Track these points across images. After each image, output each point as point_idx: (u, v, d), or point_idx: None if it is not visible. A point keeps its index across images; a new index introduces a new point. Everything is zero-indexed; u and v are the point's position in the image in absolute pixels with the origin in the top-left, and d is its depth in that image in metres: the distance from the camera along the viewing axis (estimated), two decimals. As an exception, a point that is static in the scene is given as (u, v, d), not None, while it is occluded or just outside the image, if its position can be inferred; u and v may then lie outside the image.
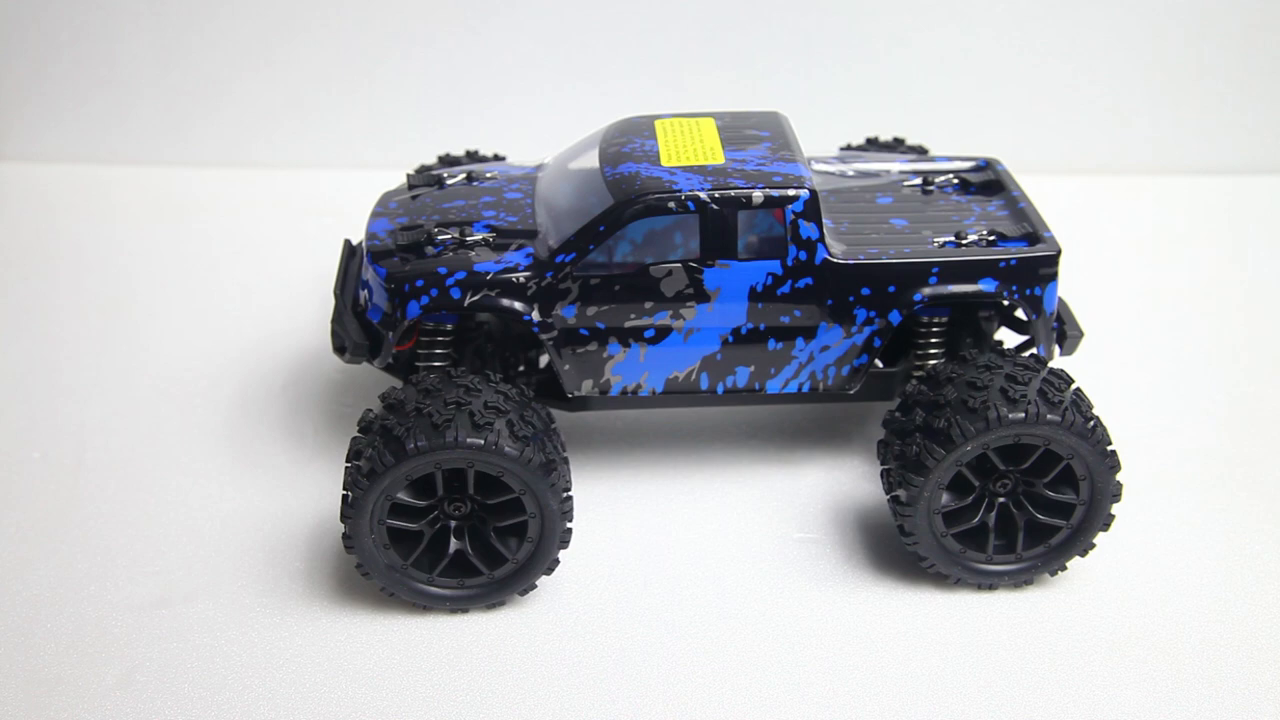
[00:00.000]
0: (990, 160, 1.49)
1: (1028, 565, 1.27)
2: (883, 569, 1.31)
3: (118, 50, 2.10)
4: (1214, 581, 1.30)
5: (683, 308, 1.29)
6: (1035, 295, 1.32)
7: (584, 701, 1.16)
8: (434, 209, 1.38)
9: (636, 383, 1.33)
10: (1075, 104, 2.14)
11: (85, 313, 1.76)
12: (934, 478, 1.20)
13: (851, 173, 1.47)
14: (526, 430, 1.18)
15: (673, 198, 1.24)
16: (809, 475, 1.45)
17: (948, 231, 1.34)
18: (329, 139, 2.16)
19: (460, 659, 1.21)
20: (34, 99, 2.13)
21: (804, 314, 1.30)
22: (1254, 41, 2.09)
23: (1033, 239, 1.33)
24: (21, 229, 2.00)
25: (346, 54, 2.10)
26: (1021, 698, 1.16)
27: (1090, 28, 2.09)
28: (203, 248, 1.93)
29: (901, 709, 1.15)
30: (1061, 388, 1.20)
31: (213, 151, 2.15)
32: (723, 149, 1.31)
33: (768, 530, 1.36)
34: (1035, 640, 1.23)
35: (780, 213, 1.26)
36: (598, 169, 1.31)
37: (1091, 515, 1.24)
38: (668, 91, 2.09)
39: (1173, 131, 2.15)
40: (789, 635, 1.23)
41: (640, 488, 1.43)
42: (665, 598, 1.28)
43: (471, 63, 2.11)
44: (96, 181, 2.11)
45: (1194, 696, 1.17)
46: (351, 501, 1.18)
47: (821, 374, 1.34)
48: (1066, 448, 1.20)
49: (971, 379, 1.21)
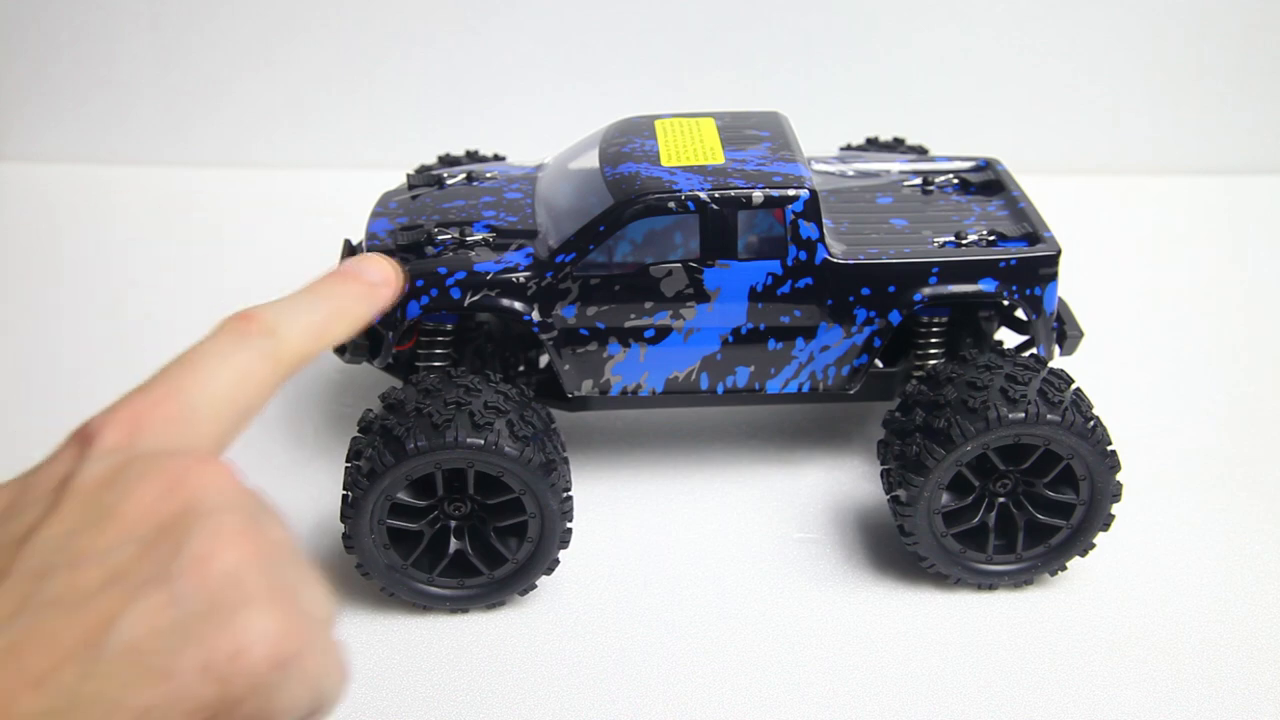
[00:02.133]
0: (990, 160, 1.49)
1: (1028, 565, 1.27)
2: (883, 569, 1.31)
3: (118, 50, 2.09)
4: (1214, 581, 1.30)
5: (683, 308, 1.29)
6: (1035, 295, 1.32)
7: (584, 701, 1.16)
8: (434, 209, 1.38)
9: (636, 383, 1.33)
10: (1075, 104, 2.14)
11: (85, 313, 1.76)
12: (934, 478, 1.20)
13: (851, 173, 1.47)
14: (526, 430, 1.18)
15: (673, 198, 1.24)
16: (809, 475, 1.45)
17: (948, 231, 1.34)
18: (329, 139, 2.16)
19: (460, 659, 1.21)
20: (34, 99, 2.13)
21: (804, 314, 1.30)
22: (1254, 41, 2.09)
23: (1033, 239, 1.33)
24: (21, 229, 2.00)
25: (346, 54, 2.10)
26: (1021, 698, 1.16)
27: (1090, 28, 2.09)
28: (203, 248, 1.93)
29: (901, 709, 1.15)
30: (1061, 388, 1.20)
31: (213, 151, 2.15)
32: (723, 149, 1.31)
33: (768, 530, 1.36)
34: (1035, 640, 1.23)
35: (780, 213, 1.26)
36: (598, 169, 1.31)
37: (1091, 515, 1.24)
38: (668, 91, 2.08)
39: (1173, 131, 2.15)
40: (789, 635, 1.23)
41: (640, 488, 1.43)
42: (665, 598, 1.28)
43: (471, 63, 2.11)
44: (96, 181, 2.11)
45: (1194, 696, 1.17)
46: (351, 501, 1.18)
47: (821, 374, 1.34)
48: (1066, 448, 1.20)
49: (971, 379, 1.21)
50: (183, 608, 0.64)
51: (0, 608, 0.63)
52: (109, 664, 0.62)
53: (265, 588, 0.66)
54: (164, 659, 0.62)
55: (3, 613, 0.62)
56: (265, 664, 0.65)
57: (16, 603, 0.63)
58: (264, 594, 0.66)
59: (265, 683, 0.65)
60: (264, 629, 0.65)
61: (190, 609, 0.64)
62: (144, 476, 0.69)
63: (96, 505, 0.68)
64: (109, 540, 0.66)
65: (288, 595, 0.67)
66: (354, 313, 0.91)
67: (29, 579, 0.64)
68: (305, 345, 0.86)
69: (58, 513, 0.68)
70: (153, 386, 0.78)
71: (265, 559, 0.68)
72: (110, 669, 0.61)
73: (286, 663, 0.66)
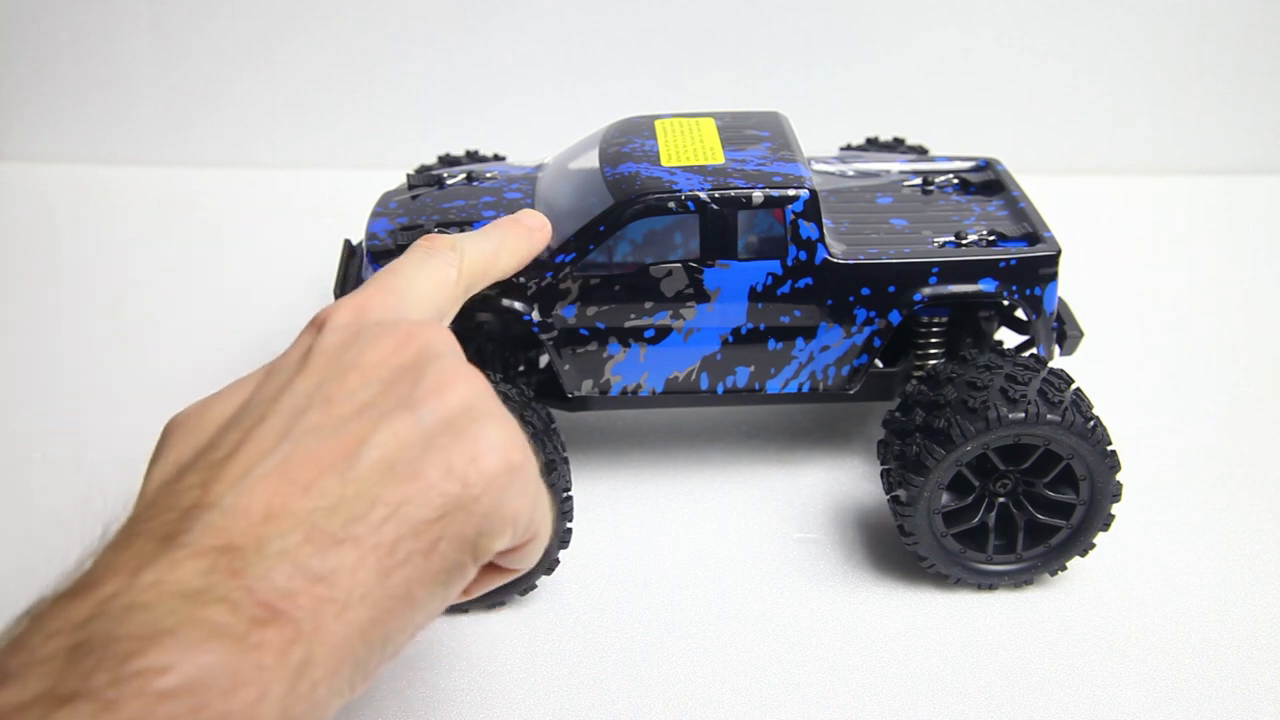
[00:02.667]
0: (990, 160, 1.49)
1: (1028, 565, 1.27)
2: (883, 569, 1.31)
3: (118, 50, 2.10)
4: (1214, 581, 1.30)
5: (683, 308, 1.29)
6: (1035, 295, 1.32)
7: (584, 701, 1.16)
8: (434, 209, 1.38)
9: (636, 382, 1.33)
10: (1075, 104, 2.14)
11: (85, 313, 1.76)
12: (934, 477, 1.20)
13: (851, 173, 1.47)
14: (527, 430, 1.17)
15: (673, 198, 1.24)
16: (809, 475, 1.45)
17: (948, 232, 1.34)
18: (329, 139, 2.16)
19: (460, 659, 1.21)
20: (34, 99, 2.13)
21: (804, 314, 1.30)
22: (1254, 41, 2.09)
23: (1033, 239, 1.33)
24: (21, 229, 2.00)
25: (346, 54, 2.11)
26: (1021, 698, 1.16)
27: (1090, 28, 2.09)
28: (203, 248, 1.93)
29: (901, 709, 1.15)
30: (1061, 388, 1.20)
31: (213, 151, 2.16)
32: (723, 149, 1.31)
33: (768, 530, 1.36)
34: (1035, 640, 1.23)
35: (780, 213, 1.26)
36: (598, 169, 1.31)
37: (1091, 515, 1.24)
38: (668, 91, 2.09)
39: (1173, 131, 2.15)
40: (789, 635, 1.23)
41: (640, 488, 1.43)
42: (665, 598, 1.28)
43: (471, 63, 2.11)
44: (96, 181, 2.11)
45: (1194, 696, 1.17)
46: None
47: (821, 374, 1.34)
48: (1066, 448, 1.20)
49: (972, 379, 1.21)
50: (425, 426, 0.80)
51: (266, 439, 0.78)
52: (365, 472, 0.77)
53: (494, 410, 0.84)
54: (412, 465, 0.78)
55: (269, 443, 0.78)
56: (498, 467, 0.81)
57: (279, 434, 0.79)
58: (494, 414, 0.83)
59: (498, 485, 0.81)
60: (497, 439, 0.82)
61: (431, 427, 0.80)
62: (378, 336, 0.86)
63: (339, 361, 0.85)
64: (354, 384, 0.83)
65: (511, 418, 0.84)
66: (518, 248, 1.16)
67: (288, 416, 0.81)
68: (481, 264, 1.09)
69: (306, 371, 0.85)
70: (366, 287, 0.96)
71: (489, 390, 0.85)
72: (366, 475, 0.77)
73: (515, 470, 0.82)
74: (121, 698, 0.64)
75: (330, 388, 0.82)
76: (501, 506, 0.81)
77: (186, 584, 0.70)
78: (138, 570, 0.70)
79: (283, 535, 0.73)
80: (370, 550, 0.75)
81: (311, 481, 0.76)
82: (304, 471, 0.76)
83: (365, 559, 0.74)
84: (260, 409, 0.82)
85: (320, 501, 0.75)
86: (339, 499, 0.75)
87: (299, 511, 0.74)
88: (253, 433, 0.79)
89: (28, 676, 0.65)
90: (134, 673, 0.65)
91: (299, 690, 0.70)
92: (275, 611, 0.70)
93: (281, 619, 0.70)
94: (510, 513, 0.82)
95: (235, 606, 0.69)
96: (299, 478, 0.76)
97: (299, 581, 0.72)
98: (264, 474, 0.76)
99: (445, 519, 0.78)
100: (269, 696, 0.68)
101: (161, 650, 0.66)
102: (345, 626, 0.73)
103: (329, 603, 0.72)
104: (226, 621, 0.69)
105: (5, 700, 0.64)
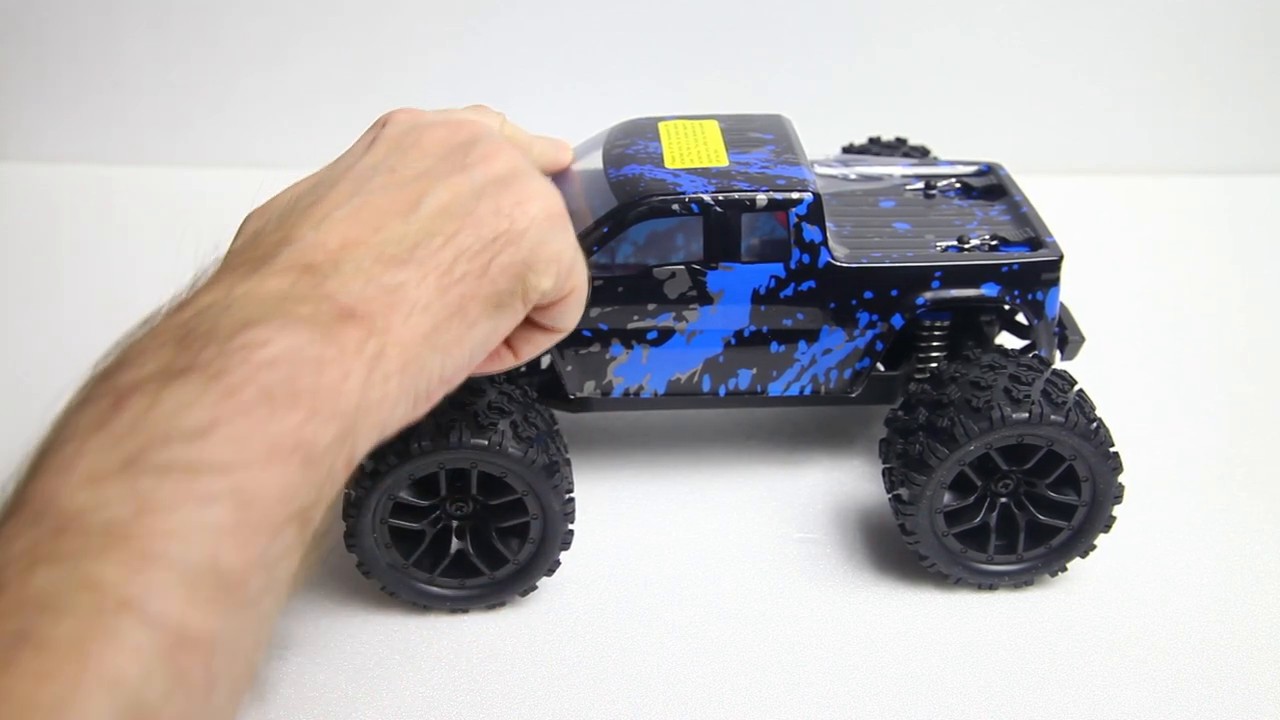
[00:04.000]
0: (993, 165, 1.49)
1: (1028, 566, 1.27)
2: (883, 569, 1.32)
3: (118, 50, 2.09)
4: (1214, 581, 1.30)
5: (686, 310, 1.29)
6: (1037, 300, 1.32)
7: (584, 701, 1.16)
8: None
9: (639, 384, 1.34)
10: (1075, 104, 2.14)
11: (85, 313, 1.76)
12: (936, 477, 1.21)
13: (854, 176, 1.47)
14: (530, 431, 1.18)
15: (676, 200, 1.24)
16: (810, 475, 1.45)
17: (950, 236, 1.34)
18: (330, 139, 2.14)
19: (460, 659, 1.21)
20: (34, 99, 2.13)
21: (807, 317, 1.30)
22: (1254, 41, 2.10)
23: (1035, 244, 1.33)
24: (21, 229, 2.00)
25: (348, 54, 2.10)
26: (1021, 698, 1.17)
27: (1090, 28, 2.09)
28: (203, 248, 1.93)
29: (901, 709, 1.16)
30: (1065, 389, 1.20)
31: (213, 151, 2.15)
32: (726, 151, 1.31)
33: (768, 530, 1.37)
34: (1035, 640, 1.23)
35: (784, 216, 1.26)
36: (601, 170, 1.31)
37: (1093, 516, 1.24)
38: (670, 93, 2.09)
39: (1173, 131, 2.16)
40: (789, 635, 1.23)
41: (641, 488, 1.43)
42: (665, 598, 1.28)
43: (472, 63, 2.11)
44: (96, 181, 2.11)
45: (1194, 696, 1.17)
46: (354, 500, 1.18)
47: (823, 377, 1.34)
48: (1069, 449, 1.20)
49: (975, 378, 1.22)
50: (476, 182, 0.96)
51: (339, 195, 0.94)
52: (425, 215, 0.93)
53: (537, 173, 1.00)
54: (465, 208, 0.94)
55: (342, 198, 0.93)
56: (541, 212, 0.96)
57: (350, 191, 0.94)
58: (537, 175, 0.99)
59: (541, 225, 0.96)
60: (539, 189, 0.98)
61: (482, 182, 0.96)
62: (435, 124, 1.02)
63: (400, 143, 1.00)
64: (414, 158, 0.98)
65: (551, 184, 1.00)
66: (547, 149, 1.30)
67: (357, 180, 0.96)
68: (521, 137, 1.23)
69: (371, 151, 1.00)
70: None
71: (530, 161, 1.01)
72: (426, 217, 0.92)
73: (556, 216, 0.98)
74: (228, 367, 0.77)
75: (393, 159, 0.98)
76: (545, 245, 0.96)
77: (276, 289, 0.84)
78: (233, 286, 0.84)
79: (357, 258, 0.87)
80: (431, 269, 0.89)
81: (380, 224, 0.91)
82: (373, 216, 0.91)
83: (427, 276, 0.89)
84: (332, 179, 0.97)
85: (386, 237, 0.90)
86: (402, 236, 0.90)
87: (370, 243, 0.89)
88: (326, 194, 0.94)
89: (144, 360, 0.79)
90: (238, 346, 0.78)
91: (373, 378, 0.83)
92: (353, 312, 0.84)
93: (358, 318, 0.84)
94: (553, 252, 0.97)
95: (319, 306, 0.83)
96: (369, 221, 0.91)
97: (372, 290, 0.86)
98: (340, 218, 0.91)
99: (495, 245, 0.93)
100: (352, 378, 0.81)
101: (261, 328, 0.79)
102: (411, 330, 0.87)
103: (397, 308, 0.86)
104: (313, 313, 0.82)
105: (124, 378, 0.78)
